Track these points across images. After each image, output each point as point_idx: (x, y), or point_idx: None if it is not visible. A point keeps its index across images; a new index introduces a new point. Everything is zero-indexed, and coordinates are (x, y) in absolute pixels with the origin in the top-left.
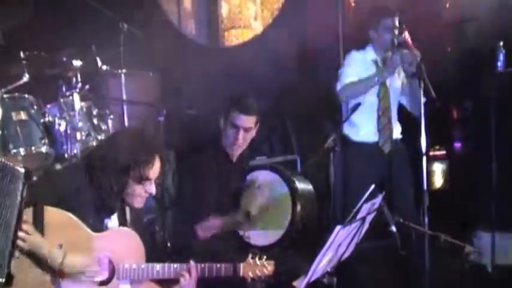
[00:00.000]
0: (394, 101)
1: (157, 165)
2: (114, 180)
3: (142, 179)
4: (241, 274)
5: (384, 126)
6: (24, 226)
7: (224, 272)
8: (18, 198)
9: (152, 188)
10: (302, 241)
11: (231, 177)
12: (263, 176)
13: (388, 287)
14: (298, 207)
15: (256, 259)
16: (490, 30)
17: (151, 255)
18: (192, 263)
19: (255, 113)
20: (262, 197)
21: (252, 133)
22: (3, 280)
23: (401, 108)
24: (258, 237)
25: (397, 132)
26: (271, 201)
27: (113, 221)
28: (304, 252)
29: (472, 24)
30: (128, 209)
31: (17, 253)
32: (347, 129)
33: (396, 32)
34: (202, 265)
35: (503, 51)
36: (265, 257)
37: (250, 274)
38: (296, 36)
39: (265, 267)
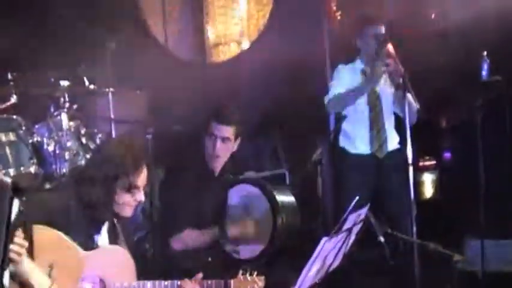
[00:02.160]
0: (387, 109)
1: (144, 173)
2: (102, 190)
3: (130, 187)
4: None
5: (376, 134)
6: (18, 240)
7: None
8: (6, 209)
9: (141, 196)
10: (290, 252)
11: (212, 191)
12: (244, 190)
13: None
14: (279, 220)
15: (247, 275)
16: (474, 40)
17: (142, 273)
18: (186, 280)
19: (233, 123)
20: (242, 217)
21: (231, 145)
22: None
23: (397, 118)
24: (242, 250)
25: (394, 142)
26: (252, 215)
27: (102, 237)
28: (293, 264)
29: (457, 34)
30: (117, 224)
31: (11, 267)
32: (343, 142)
33: (380, 41)
34: (193, 281)
35: (488, 60)
36: (255, 272)
37: None
38: (283, 50)
39: (255, 283)
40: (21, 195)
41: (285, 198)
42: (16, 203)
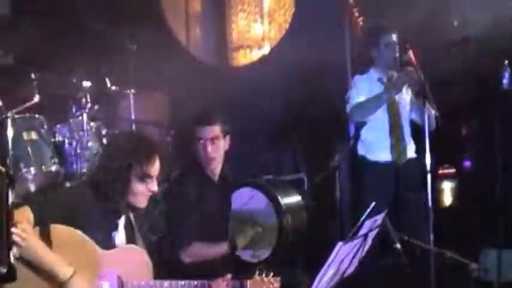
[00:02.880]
0: (405, 116)
1: (157, 162)
2: (117, 180)
3: (144, 176)
4: None
5: (395, 142)
6: (21, 225)
7: None
8: (4, 192)
9: (154, 186)
10: (302, 258)
11: (213, 199)
12: (245, 194)
13: None
14: (284, 222)
15: (263, 276)
16: (496, 49)
17: (161, 274)
18: (219, 280)
19: (216, 122)
20: (250, 227)
21: (222, 144)
22: (5, 270)
23: (414, 126)
24: (252, 254)
25: (411, 150)
26: (256, 220)
27: (120, 233)
28: (309, 269)
29: (478, 42)
30: (133, 220)
31: (15, 249)
32: (362, 150)
33: (398, 49)
34: (211, 282)
35: (509, 69)
36: (271, 273)
37: None
38: (304, 55)
39: (271, 284)
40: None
41: (289, 197)
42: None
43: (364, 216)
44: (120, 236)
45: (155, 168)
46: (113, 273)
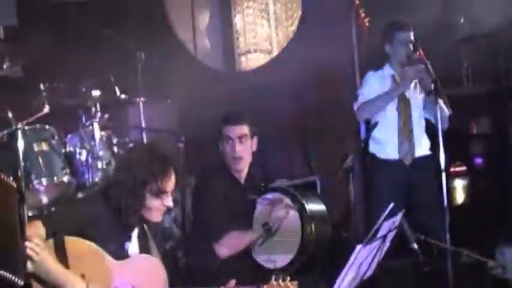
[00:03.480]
0: (417, 115)
1: (173, 177)
2: (131, 194)
3: (159, 192)
4: None
5: (404, 139)
6: (35, 239)
7: None
8: (16, 207)
9: (169, 201)
10: (321, 260)
11: (239, 201)
12: (272, 199)
13: None
14: (308, 230)
15: (280, 281)
16: (505, 46)
17: (175, 283)
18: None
19: (244, 121)
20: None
21: (250, 144)
22: (22, 283)
23: (429, 123)
24: (270, 260)
25: (424, 148)
26: (280, 225)
27: (133, 244)
28: (324, 272)
29: (488, 39)
30: (147, 231)
31: (29, 264)
32: (373, 148)
33: (411, 47)
34: None
35: None
36: (288, 278)
37: None
38: (312, 57)
39: None
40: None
41: (315, 206)
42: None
43: (382, 217)
44: (133, 247)
45: (171, 183)
46: (127, 283)
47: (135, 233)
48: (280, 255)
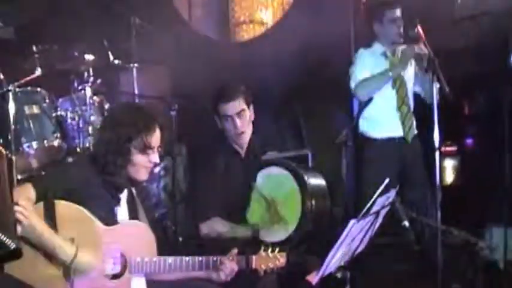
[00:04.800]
0: (410, 91)
1: (158, 132)
2: (117, 152)
3: (145, 148)
4: (253, 266)
5: (405, 116)
6: (22, 202)
7: (237, 264)
8: (5, 171)
9: (156, 157)
10: (315, 235)
11: (240, 174)
12: (273, 172)
13: (402, 282)
14: (309, 204)
15: (269, 252)
16: (503, 25)
17: (163, 250)
18: (209, 257)
19: (239, 95)
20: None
21: (249, 115)
22: (14, 246)
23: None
24: (268, 234)
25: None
26: (281, 198)
27: (122, 208)
28: (317, 247)
29: (485, 19)
30: (136, 196)
31: (18, 227)
32: (365, 126)
33: (402, 24)
34: (215, 258)
35: None
36: (277, 249)
37: (263, 266)
38: (307, 30)
39: (277, 259)
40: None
41: (316, 181)
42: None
43: (377, 194)
44: (122, 212)
45: (156, 138)
46: (116, 249)
47: (123, 197)
48: (279, 230)
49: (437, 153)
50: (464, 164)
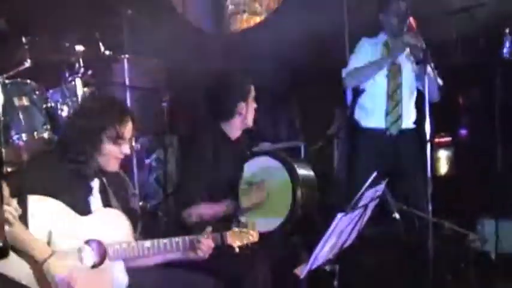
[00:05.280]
0: (408, 85)
1: (130, 124)
2: (86, 141)
3: (117, 138)
4: (228, 242)
5: (392, 109)
6: (12, 202)
7: (212, 242)
8: None
9: (127, 148)
10: (304, 228)
11: (228, 158)
12: (264, 163)
13: (392, 274)
14: (299, 195)
15: (241, 228)
16: (497, 16)
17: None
18: (185, 237)
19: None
20: (258, 193)
21: None
22: (1, 245)
23: (420, 95)
24: (258, 224)
25: (411, 119)
26: (271, 189)
27: (95, 198)
28: (306, 239)
29: (479, 10)
30: (107, 184)
31: (6, 228)
32: (358, 115)
33: (406, 18)
34: (191, 237)
35: (510, 38)
36: (249, 224)
37: (238, 242)
38: (302, 22)
39: (250, 235)
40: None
41: (305, 172)
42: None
43: (365, 186)
44: (95, 201)
45: (128, 129)
46: (93, 238)
47: (96, 187)
48: (268, 219)
49: (428, 145)
50: (458, 155)
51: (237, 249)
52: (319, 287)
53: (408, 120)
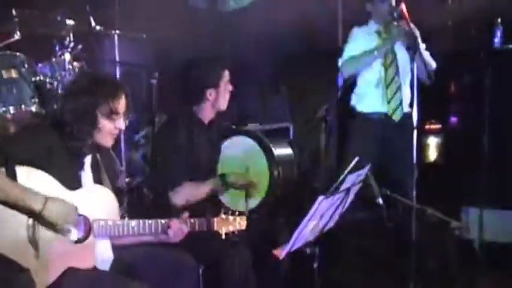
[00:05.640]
0: (404, 70)
1: (124, 99)
2: (83, 118)
3: (111, 113)
4: (215, 228)
5: (393, 95)
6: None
7: (199, 227)
8: None
9: (121, 123)
10: (285, 209)
11: (204, 142)
12: (240, 142)
13: (373, 259)
14: (276, 174)
15: (229, 215)
16: (489, 6)
17: (140, 217)
18: (174, 219)
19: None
20: (239, 165)
21: None
22: None
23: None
24: (237, 203)
25: (407, 105)
26: (248, 168)
27: (86, 173)
28: (290, 221)
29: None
30: (100, 159)
31: None
32: (354, 100)
33: (393, 3)
34: (163, 221)
35: (501, 27)
36: (237, 212)
37: (224, 229)
38: (295, 5)
39: (238, 222)
40: None
41: (282, 151)
42: None
43: (347, 171)
44: (86, 176)
45: (122, 104)
46: (80, 213)
47: (88, 162)
48: (251, 197)
49: (415, 132)
50: (447, 142)
51: (223, 236)
52: (299, 268)
53: (406, 106)
